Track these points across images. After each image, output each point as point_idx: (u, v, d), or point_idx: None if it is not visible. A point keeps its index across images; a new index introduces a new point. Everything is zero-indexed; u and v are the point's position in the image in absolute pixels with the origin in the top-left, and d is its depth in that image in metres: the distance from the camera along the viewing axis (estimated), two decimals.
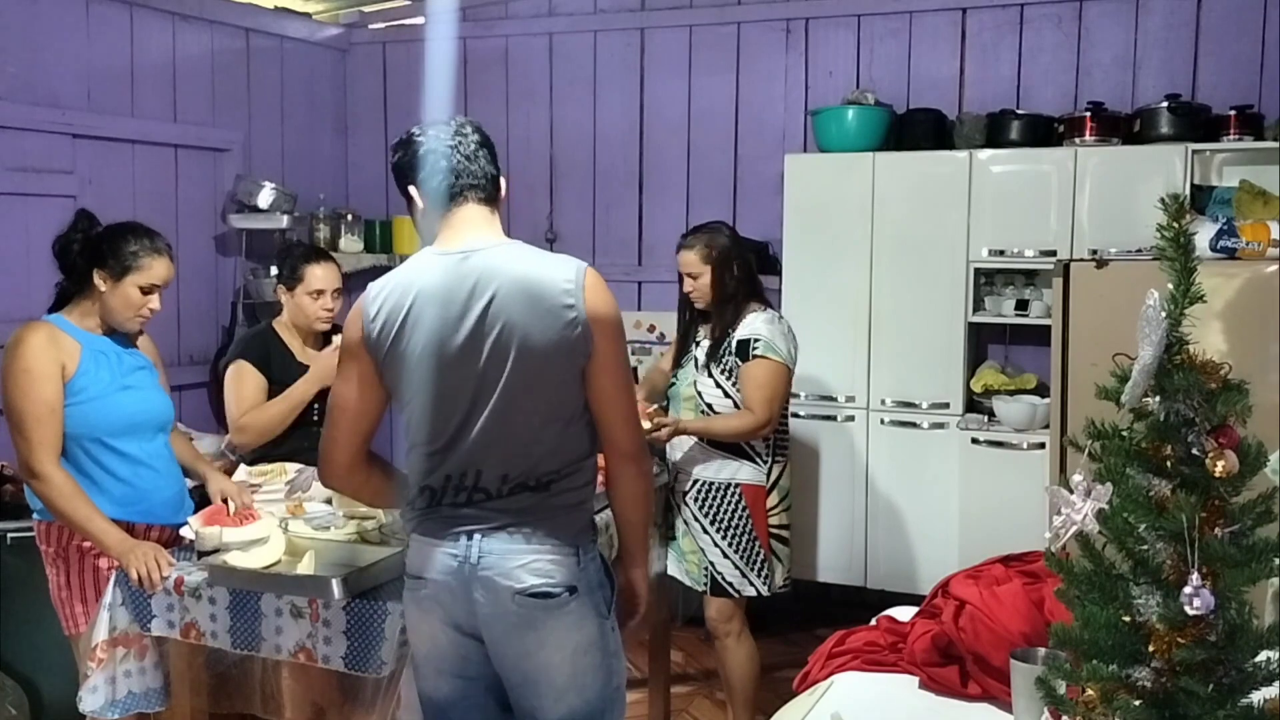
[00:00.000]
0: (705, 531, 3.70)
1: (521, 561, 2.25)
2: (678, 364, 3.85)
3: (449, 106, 5.84)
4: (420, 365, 2.28)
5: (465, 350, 2.25)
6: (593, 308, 2.25)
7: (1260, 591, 1.81)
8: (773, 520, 3.72)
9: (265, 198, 5.16)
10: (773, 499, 3.72)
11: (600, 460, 2.40)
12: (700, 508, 3.71)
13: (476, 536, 2.27)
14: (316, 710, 2.92)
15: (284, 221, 5.18)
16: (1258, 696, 1.40)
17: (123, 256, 2.91)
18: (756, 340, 3.61)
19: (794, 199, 4.98)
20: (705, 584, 3.73)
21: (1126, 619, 1.42)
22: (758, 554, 3.69)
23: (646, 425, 3.34)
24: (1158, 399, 1.42)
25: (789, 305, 4.98)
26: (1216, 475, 1.38)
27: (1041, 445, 4.44)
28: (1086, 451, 1.48)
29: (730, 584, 3.69)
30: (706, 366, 3.70)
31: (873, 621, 2.48)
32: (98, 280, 2.91)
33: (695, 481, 3.72)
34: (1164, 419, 1.42)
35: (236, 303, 5.25)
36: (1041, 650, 1.89)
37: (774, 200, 5.19)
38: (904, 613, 2.46)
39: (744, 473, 3.69)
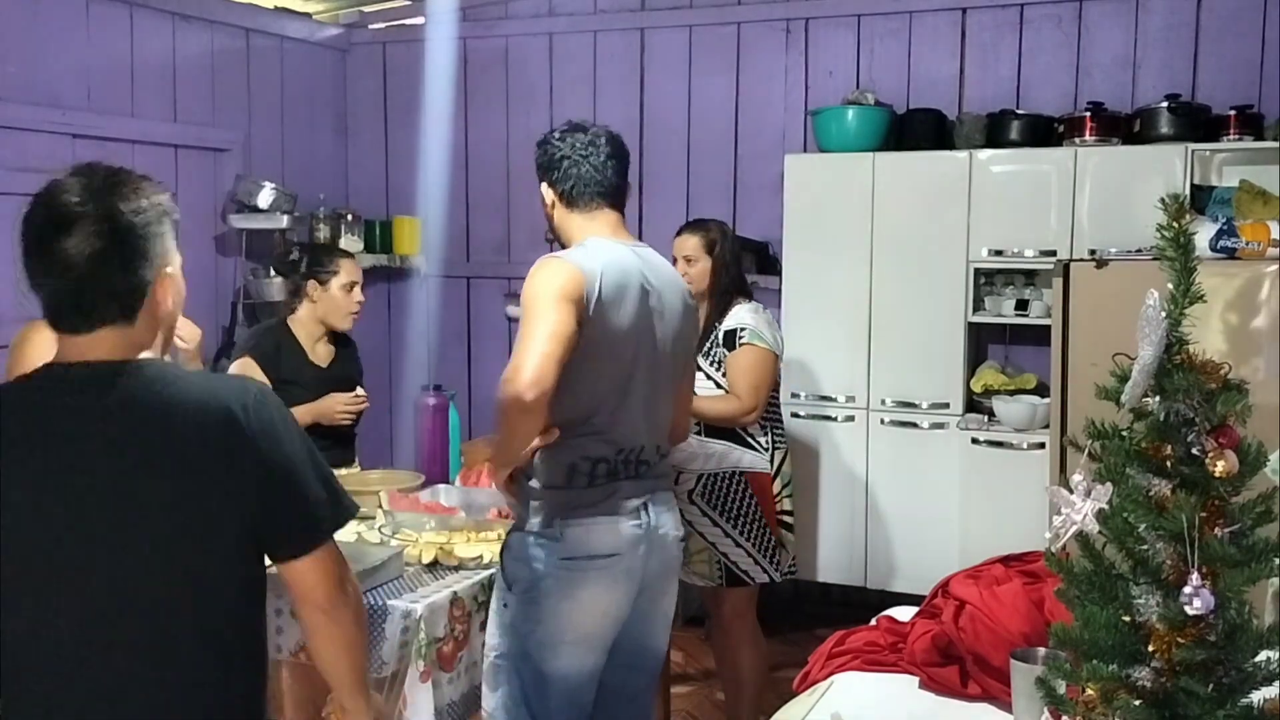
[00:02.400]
0: (716, 525, 3.68)
1: (675, 516, 2.66)
2: None
3: (449, 106, 5.86)
4: (623, 342, 2.48)
5: (650, 334, 2.53)
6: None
7: (1260, 591, 1.81)
8: (779, 507, 3.77)
9: (265, 198, 5.16)
10: (777, 485, 3.75)
11: None
12: (708, 501, 3.69)
13: (650, 505, 2.56)
14: (316, 710, 2.92)
15: (284, 221, 5.18)
16: (1258, 696, 1.41)
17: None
18: (742, 329, 3.65)
19: (794, 199, 4.98)
20: (719, 578, 3.72)
21: (1126, 619, 1.42)
22: (769, 540, 3.72)
23: None
24: (1158, 399, 1.42)
25: (789, 305, 4.98)
26: (1216, 475, 1.38)
27: (1041, 445, 4.44)
28: (1086, 451, 1.48)
29: (745, 573, 3.70)
30: (696, 357, 3.70)
31: (873, 621, 2.48)
32: None
33: (699, 477, 3.70)
34: (1164, 419, 1.42)
35: (236, 303, 5.25)
36: (1041, 650, 1.89)
37: (774, 200, 5.18)
38: (904, 613, 2.46)
39: (747, 460, 3.69)
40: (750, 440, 3.71)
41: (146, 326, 1.71)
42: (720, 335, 3.68)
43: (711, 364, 3.69)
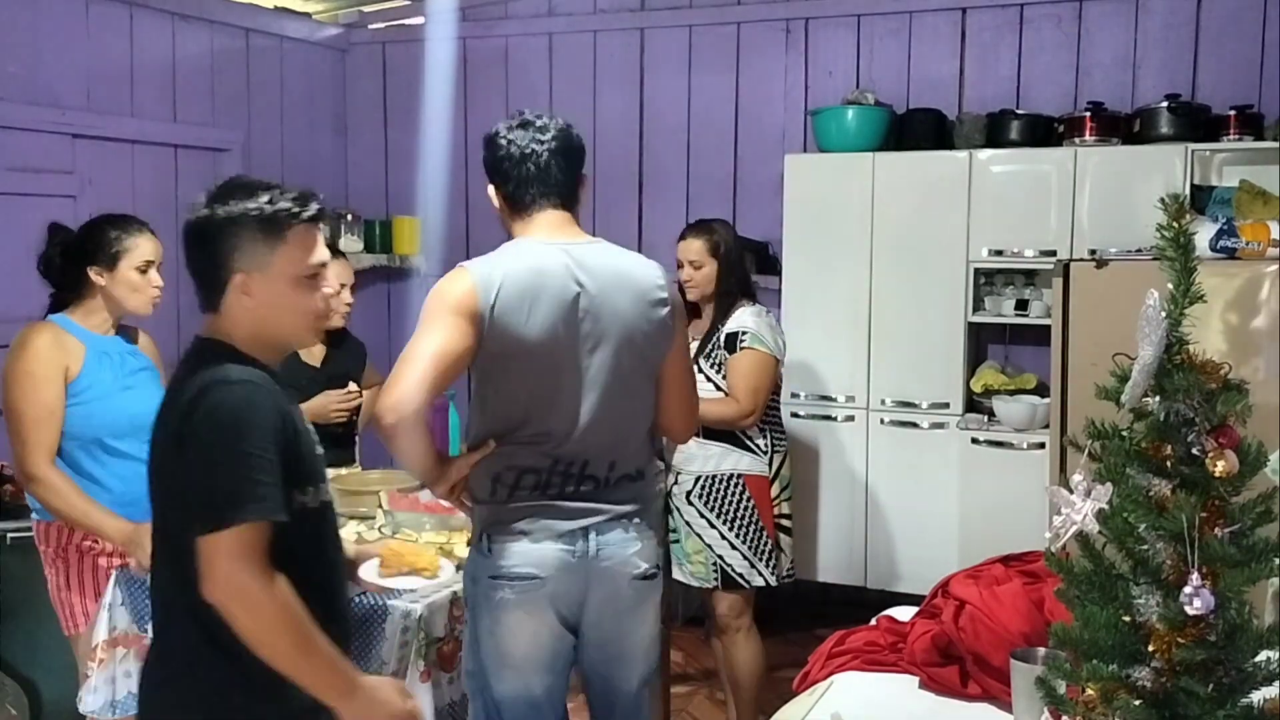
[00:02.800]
0: (712, 526, 3.69)
1: (638, 549, 2.46)
2: None
3: (449, 106, 5.85)
4: (537, 348, 2.35)
5: (576, 338, 2.38)
6: (675, 302, 2.52)
7: (1260, 591, 1.81)
8: (777, 510, 3.75)
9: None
10: (775, 489, 3.74)
11: None
12: (705, 503, 3.70)
13: (592, 532, 2.40)
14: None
15: None
16: (1258, 696, 1.41)
17: (109, 245, 2.93)
18: (744, 332, 3.64)
19: (794, 199, 4.98)
20: (715, 580, 3.72)
21: (1126, 619, 1.42)
22: (765, 543, 3.71)
23: None
24: (1158, 399, 1.42)
25: (789, 305, 4.98)
26: (1216, 475, 1.38)
27: (1041, 445, 4.43)
28: (1086, 451, 1.48)
29: (740, 575, 3.70)
30: (695, 361, 3.61)
31: (873, 621, 2.48)
32: (95, 277, 2.92)
33: (697, 479, 3.71)
34: (1164, 419, 1.42)
35: None
36: (1041, 650, 1.89)
37: (774, 200, 5.18)
38: (904, 613, 2.46)
39: (745, 463, 3.69)
40: (749, 443, 3.71)
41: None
42: (722, 337, 3.68)
43: (712, 366, 3.69)
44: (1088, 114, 4.61)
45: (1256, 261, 3.36)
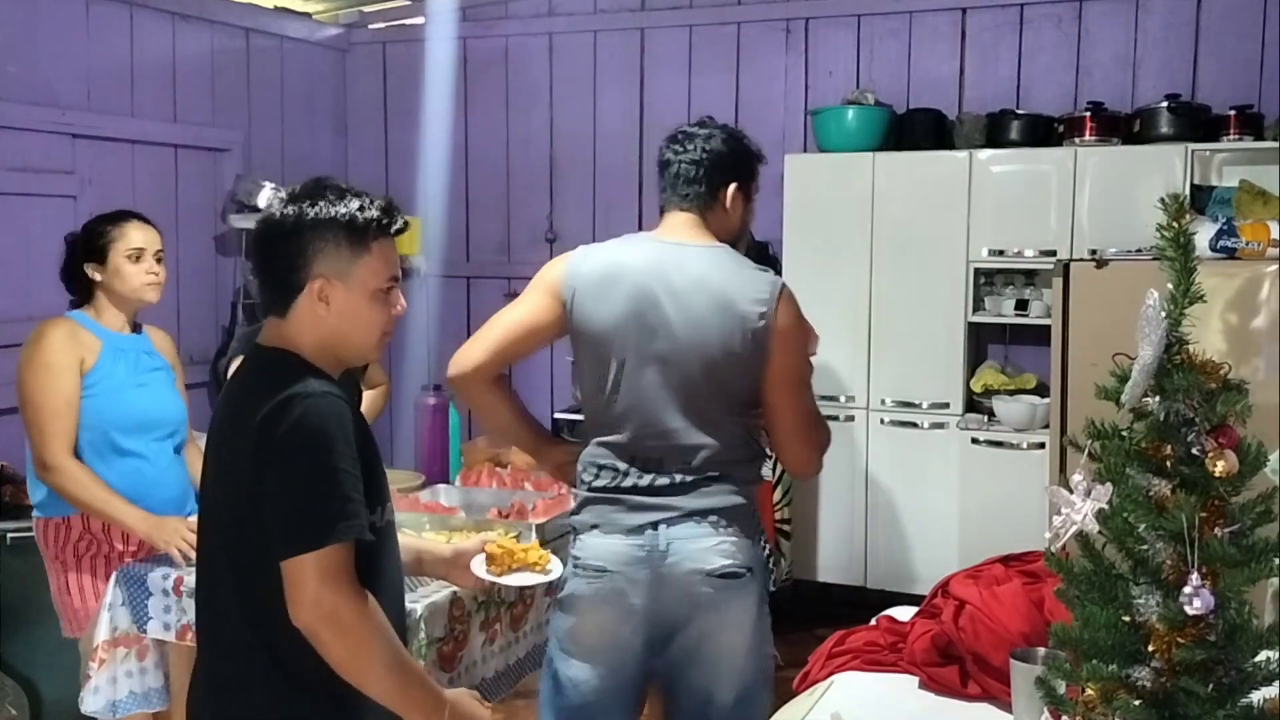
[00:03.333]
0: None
1: (711, 548, 2.37)
2: None
3: (449, 106, 5.85)
4: (605, 335, 2.40)
5: (646, 334, 2.38)
6: (778, 325, 2.45)
7: (1260, 591, 1.81)
8: (777, 515, 3.70)
9: (265, 198, 5.15)
10: (776, 494, 3.70)
11: None
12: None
13: (661, 527, 2.36)
14: None
15: None
16: (1258, 696, 1.40)
17: (97, 239, 2.96)
18: None
19: (794, 199, 4.98)
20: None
21: (1126, 619, 1.42)
22: (765, 548, 3.61)
23: None
24: (1158, 399, 1.42)
25: None
26: (1216, 475, 1.38)
27: (1041, 445, 4.44)
28: (1086, 451, 1.48)
29: None
30: None
31: (873, 621, 2.48)
32: (92, 274, 2.96)
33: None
34: (1164, 419, 1.42)
35: (236, 303, 5.25)
36: (1041, 650, 1.88)
37: (774, 200, 5.18)
38: (904, 613, 2.46)
39: None
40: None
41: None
42: None
43: None
44: (1088, 114, 4.61)
45: (1256, 261, 3.36)
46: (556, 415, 5.31)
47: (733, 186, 2.58)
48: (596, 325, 2.40)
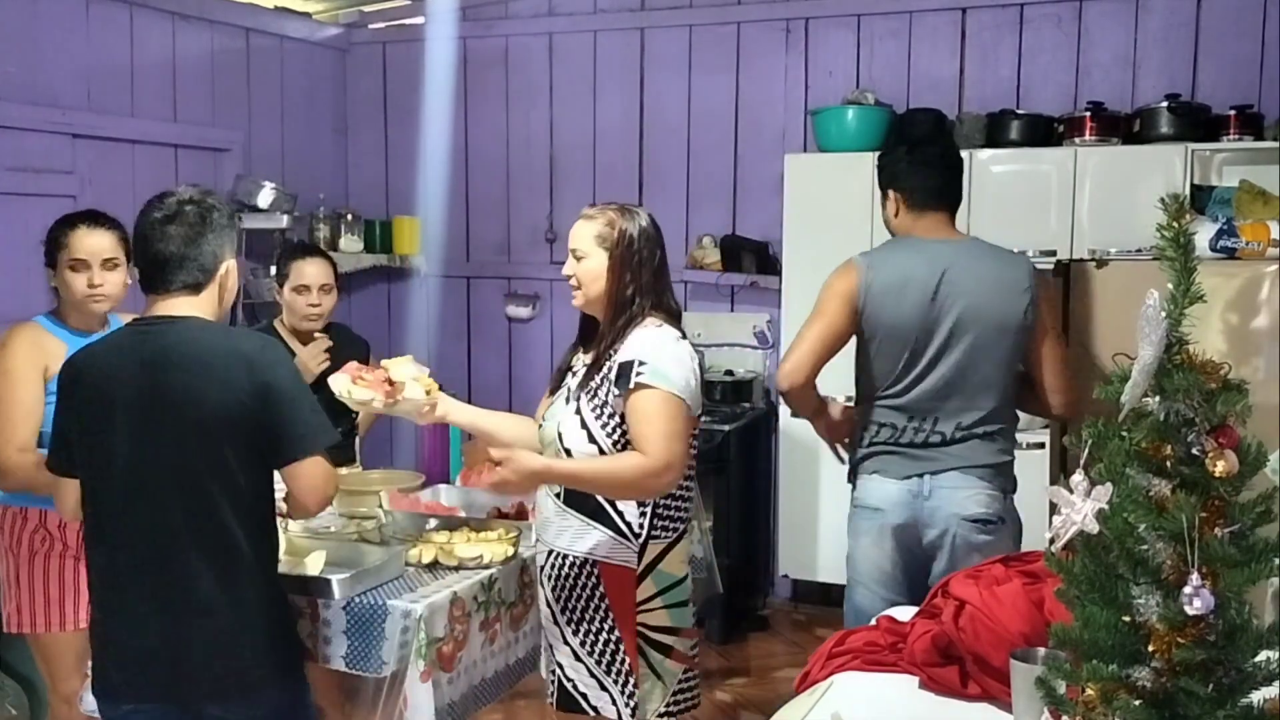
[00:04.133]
0: (555, 621, 2.68)
1: (972, 497, 2.93)
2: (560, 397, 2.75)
3: (449, 106, 5.86)
4: (900, 329, 2.95)
5: (936, 321, 2.94)
6: (1039, 296, 3.01)
7: (1260, 591, 1.81)
8: (648, 619, 2.61)
9: (265, 198, 5.16)
10: (647, 588, 2.60)
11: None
12: (553, 588, 2.67)
13: (928, 476, 2.94)
14: (317, 710, 2.92)
15: (284, 221, 5.18)
16: (1258, 696, 1.40)
17: (50, 243, 2.94)
18: (641, 364, 2.51)
19: (794, 199, 4.98)
20: (551, 694, 2.71)
21: (1126, 619, 1.42)
22: (620, 662, 2.62)
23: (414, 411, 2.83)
24: (1158, 399, 1.42)
25: (789, 305, 4.98)
26: (1216, 475, 1.38)
27: (1041, 445, 4.42)
28: (1086, 451, 1.48)
29: (583, 696, 2.64)
30: (577, 398, 2.62)
31: (873, 621, 2.48)
32: (50, 278, 2.96)
33: (549, 554, 2.68)
34: (1164, 419, 1.42)
35: (236, 303, 5.25)
36: (1041, 650, 1.88)
37: (774, 200, 5.19)
38: (904, 613, 2.46)
39: (603, 545, 2.59)
40: (614, 517, 2.59)
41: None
42: (613, 368, 2.56)
43: (594, 407, 2.58)
44: (1088, 114, 4.61)
45: (1256, 261, 3.36)
46: None
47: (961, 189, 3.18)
48: (893, 319, 2.94)
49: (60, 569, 2.92)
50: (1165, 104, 4.52)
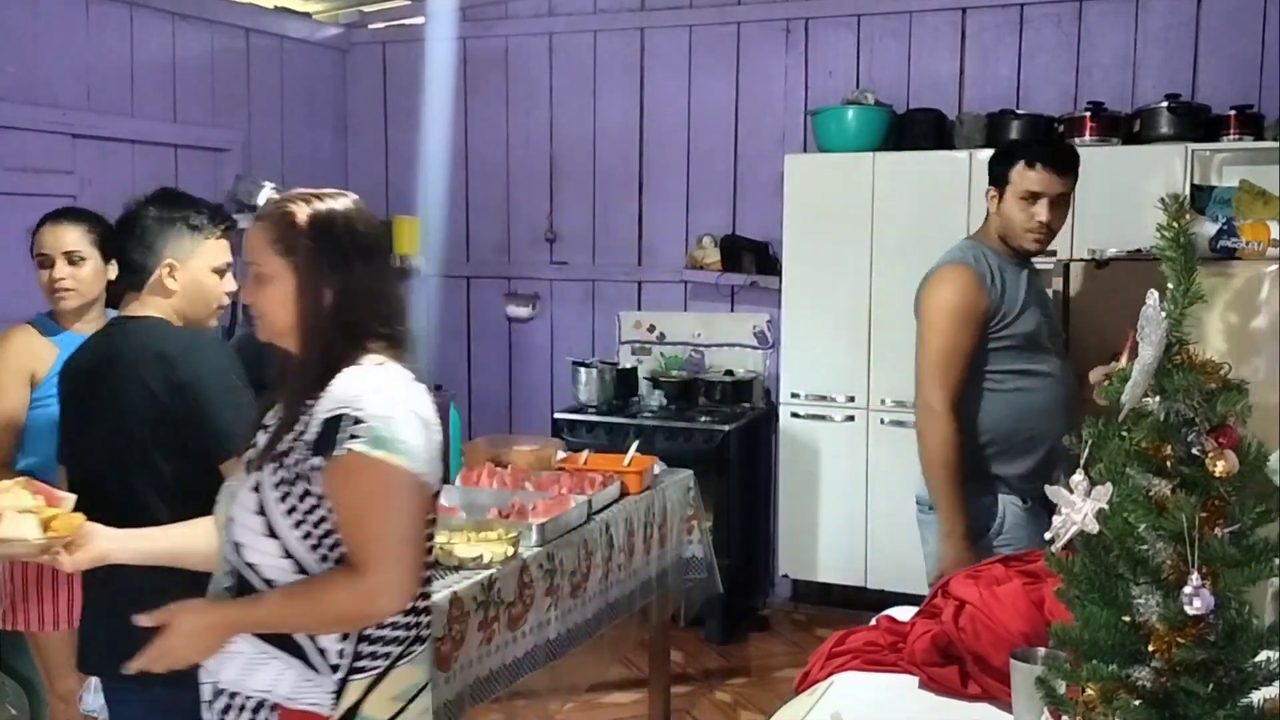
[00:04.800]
0: None
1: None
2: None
3: (449, 106, 5.85)
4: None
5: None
6: None
7: (1260, 591, 1.81)
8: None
9: (265, 198, 5.15)
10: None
11: None
12: None
13: None
14: None
15: None
16: (1258, 696, 1.40)
17: (32, 239, 2.95)
18: (355, 421, 1.76)
19: (794, 199, 4.98)
20: None
21: (1126, 619, 1.42)
22: None
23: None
24: (1158, 399, 1.42)
25: (789, 305, 4.98)
26: (1216, 475, 1.38)
27: None
28: (1086, 451, 1.48)
29: None
30: (259, 468, 1.86)
31: (873, 621, 2.48)
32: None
33: (216, 691, 1.91)
34: (1164, 419, 1.42)
35: (236, 302, 5.25)
36: (1041, 650, 1.88)
37: (774, 200, 5.19)
38: (904, 613, 2.46)
39: (287, 681, 1.84)
40: (305, 645, 1.83)
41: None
42: (313, 426, 1.80)
43: (279, 484, 1.82)
44: (1088, 114, 4.61)
45: (1256, 261, 3.36)
46: (556, 415, 5.31)
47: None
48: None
49: (54, 567, 2.91)
50: (1165, 104, 4.52)
